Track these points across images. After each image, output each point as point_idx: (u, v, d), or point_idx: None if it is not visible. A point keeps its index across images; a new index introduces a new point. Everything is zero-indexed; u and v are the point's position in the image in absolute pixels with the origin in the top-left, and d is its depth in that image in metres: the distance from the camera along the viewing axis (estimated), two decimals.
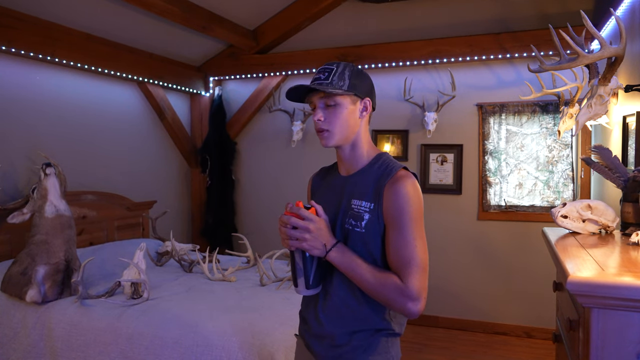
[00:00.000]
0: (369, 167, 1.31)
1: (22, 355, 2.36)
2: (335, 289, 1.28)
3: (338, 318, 1.27)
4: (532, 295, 3.78)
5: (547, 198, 3.76)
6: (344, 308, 1.27)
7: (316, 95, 1.28)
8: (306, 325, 1.37)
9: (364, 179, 1.29)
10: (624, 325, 1.12)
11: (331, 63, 1.29)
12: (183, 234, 4.67)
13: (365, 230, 1.23)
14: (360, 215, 1.24)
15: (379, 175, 1.26)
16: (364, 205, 1.24)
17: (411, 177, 1.24)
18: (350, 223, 1.25)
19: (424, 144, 4.07)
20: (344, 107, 1.27)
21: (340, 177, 1.36)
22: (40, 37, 3.08)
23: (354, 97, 1.28)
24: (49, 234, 2.50)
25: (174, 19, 3.46)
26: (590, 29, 1.91)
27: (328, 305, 1.29)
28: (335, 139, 1.28)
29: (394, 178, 1.23)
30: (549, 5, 3.67)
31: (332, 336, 1.28)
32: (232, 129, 4.66)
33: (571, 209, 1.77)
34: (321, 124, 1.27)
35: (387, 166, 1.28)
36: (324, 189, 1.40)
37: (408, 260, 1.18)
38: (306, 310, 1.38)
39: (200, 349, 2.05)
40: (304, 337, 1.38)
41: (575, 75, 2.95)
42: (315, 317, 1.32)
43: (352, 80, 1.27)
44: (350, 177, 1.32)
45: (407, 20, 4.07)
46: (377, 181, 1.25)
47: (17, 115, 3.11)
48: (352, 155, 1.32)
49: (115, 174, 3.85)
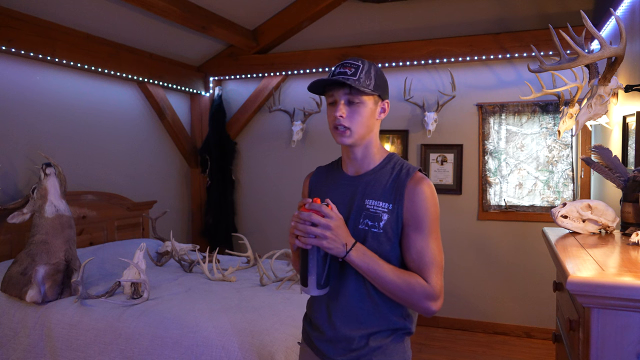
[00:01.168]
0: (381, 167, 1.29)
1: (22, 355, 2.36)
2: (349, 290, 1.24)
3: (353, 320, 1.24)
4: (532, 295, 3.78)
5: (547, 198, 3.76)
6: (360, 309, 1.24)
7: (340, 90, 1.24)
8: (316, 331, 1.32)
9: (377, 179, 1.27)
10: (624, 325, 1.12)
11: (355, 59, 1.26)
12: (183, 234, 4.67)
13: (383, 230, 1.21)
14: (377, 216, 1.22)
15: (396, 176, 1.25)
16: (382, 206, 1.23)
17: (428, 180, 1.25)
18: (367, 224, 1.23)
19: (424, 144, 4.07)
20: (367, 107, 1.25)
21: (348, 177, 1.33)
22: (40, 37, 3.08)
23: (377, 97, 1.27)
24: (49, 234, 2.49)
25: (174, 19, 3.46)
26: (590, 29, 1.91)
27: (341, 307, 1.25)
28: (354, 138, 1.25)
29: (414, 180, 1.23)
30: (549, 5, 3.67)
31: (348, 339, 1.24)
32: (232, 129, 4.66)
33: (571, 209, 1.77)
34: (342, 120, 1.23)
35: (402, 167, 1.27)
36: (328, 188, 1.36)
37: (431, 260, 1.20)
38: (315, 314, 1.33)
39: (200, 349, 2.05)
40: (313, 343, 1.33)
41: (575, 75, 2.95)
42: (328, 321, 1.28)
43: (377, 80, 1.25)
44: (362, 177, 1.29)
45: (407, 20, 4.08)
46: (395, 182, 1.24)
47: (17, 115, 3.11)
48: (364, 155, 1.30)
49: (115, 174, 3.85)
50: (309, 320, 1.37)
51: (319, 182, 1.41)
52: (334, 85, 1.24)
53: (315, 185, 1.42)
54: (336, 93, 1.24)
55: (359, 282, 1.24)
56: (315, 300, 1.34)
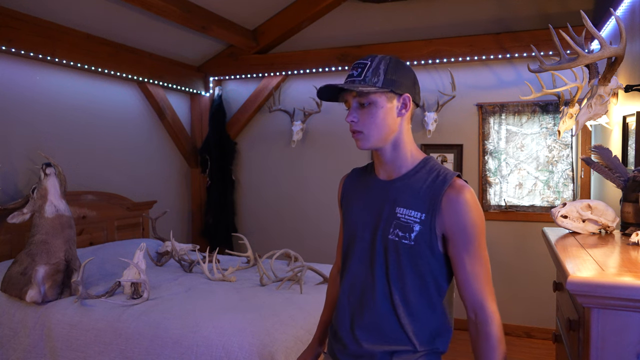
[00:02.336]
0: (415, 172, 1.19)
1: (22, 355, 2.36)
2: (377, 302, 1.17)
3: (377, 335, 1.17)
4: (532, 295, 3.78)
5: (547, 198, 3.75)
6: (385, 324, 1.16)
7: (350, 94, 1.17)
8: (339, 344, 1.24)
9: (410, 186, 1.17)
10: (624, 325, 1.12)
11: (366, 57, 1.17)
12: (183, 234, 4.67)
13: (415, 242, 1.13)
14: (409, 226, 1.13)
15: (431, 182, 1.15)
16: (413, 215, 1.14)
17: (469, 187, 1.16)
18: (397, 234, 1.14)
19: (424, 144, 4.07)
20: (379, 106, 1.15)
21: (379, 181, 1.23)
22: (40, 37, 3.08)
23: (390, 94, 1.15)
24: (49, 234, 2.49)
25: (174, 19, 3.46)
26: (590, 29, 1.91)
27: (366, 320, 1.18)
28: (371, 142, 1.17)
29: (453, 188, 1.13)
30: (549, 5, 3.67)
31: (371, 355, 1.17)
32: (232, 129, 4.66)
33: (571, 209, 1.77)
34: (355, 125, 1.16)
35: (438, 172, 1.17)
36: (359, 192, 1.28)
37: (486, 281, 1.15)
38: (340, 325, 1.25)
39: (200, 349, 2.05)
40: (337, 355, 1.26)
41: (575, 75, 2.95)
42: (351, 334, 1.21)
43: (388, 75, 1.14)
44: (393, 182, 1.20)
45: (407, 20, 4.08)
46: (430, 189, 1.14)
47: (17, 115, 3.11)
48: (394, 158, 1.20)
49: (115, 174, 3.85)
50: (333, 332, 1.30)
51: (352, 185, 1.33)
52: (345, 90, 1.18)
53: (347, 188, 1.34)
54: (347, 97, 1.19)
55: (386, 295, 1.16)
56: (340, 311, 1.26)
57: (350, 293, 1.24)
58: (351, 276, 1.25)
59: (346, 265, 1.28)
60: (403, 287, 1.16)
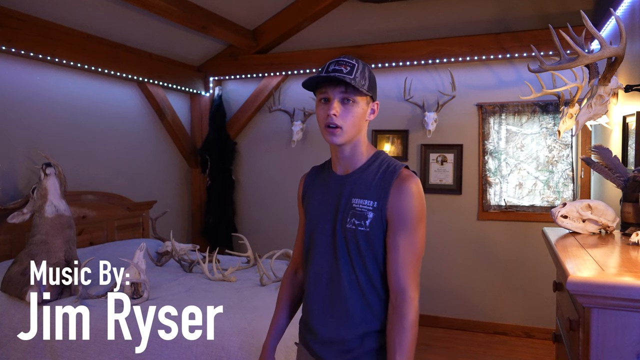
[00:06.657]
0: (368, 165, 1.28)
1: (22, 355, 2.36)
2: (345, 289, 1.24)
3: (348, 321, 1.24)
4: (532, 295, 3.78)
5: (547, 198, 3.75)
6: (356, 309, 1.23)
7: (336, 88, 1.21)
8: (311, 333, 1.31)
9: (364, 178, 1.26)
10: (624, 325, 1.12)
11: (350, 57, 1.24)
12: (183, 234, 4.67)
13: (370, 229, 1.21)
14: (363, 214, 1.22)
15: (382, 173, 1.24)
16: (367, 204, 1.22)
17: (416, 177, 1.24)
18: (353, 222, 1.22)
19: (424, 144, 4.07)
20: (360, 107, 1.23)
21: (337, 176, 1.32)
22: (40, 37, 3.08)
23: (368, 98, 1.26)
24: (49, 234, 2.49)
25: (174, 19, 3.46)
26: (590, 29, 1.91)
27: (337, 308, 1.25)
28: (345, 138, 1.24)
29: (400, 178, 1.22)
30: (549, 5, 3.67)
31: (343, 341, 1.24)
32: (232, 129, 4.66)
33: (571, 209, 1.77)
34: (335, 119, 1.21)
35: (388, 164, 1.26)
36: (319, 188, 1.36)
37: (412, 262, 1.20)
38: (310, 315, 1.32)
39: (200, 349, 2.06)
40: (309, 344, 1.33)
41: (575, 75, 2.95)
42: (323, 322, 1.27)
43: (370, 81, 1.24)
44: (349, 176, 1.29)
45: (407, 20, 4.07)
46: (381, 179, 1.23)
47: (17, 115, 3.11)
48: (352, 154, 1.29)
49: (115, 174, 3.85)
50: (304, 322, 1.37)
51: (312, 183, 1.41)
52: (329, 82, 1.22)
53: (308, 186, 1.42)
54: (330, 90, 1.22)
55: (352, 282, 1.23)
56: (309, 301, 1.33)
57: (316, 283, 1.30)
58: (316, 267, 1.31)
59: (310, 258, 1.33)
60: (366, 272, 1.23)
